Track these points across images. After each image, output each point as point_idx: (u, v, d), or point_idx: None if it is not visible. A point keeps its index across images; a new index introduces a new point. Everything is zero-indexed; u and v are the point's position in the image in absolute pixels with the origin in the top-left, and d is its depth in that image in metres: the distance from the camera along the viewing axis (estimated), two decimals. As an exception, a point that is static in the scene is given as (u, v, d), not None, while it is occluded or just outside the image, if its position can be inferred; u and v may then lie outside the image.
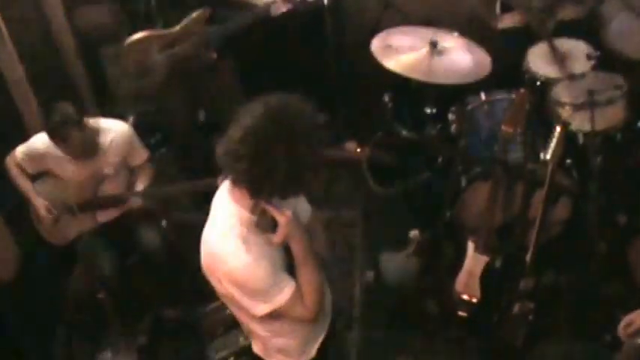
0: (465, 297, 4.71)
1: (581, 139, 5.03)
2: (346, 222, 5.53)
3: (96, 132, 4.81)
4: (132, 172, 5.14)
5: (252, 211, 3.21)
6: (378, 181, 5.44)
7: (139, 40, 5.46)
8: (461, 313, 4.76)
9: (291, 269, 3.34)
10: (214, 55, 5.55)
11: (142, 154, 5.11)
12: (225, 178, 3.27)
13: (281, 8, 5.42)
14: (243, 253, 3.14)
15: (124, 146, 4.97)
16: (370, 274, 5.26)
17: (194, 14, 5.46)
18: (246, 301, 3.25)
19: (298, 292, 3.28)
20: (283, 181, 3.03)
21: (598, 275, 5.01)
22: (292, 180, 3.05)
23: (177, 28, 5.48)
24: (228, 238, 3.18)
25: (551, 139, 4.25)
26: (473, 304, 4.71)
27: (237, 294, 3.23)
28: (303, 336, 3.61)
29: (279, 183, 3.04)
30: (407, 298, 5.11)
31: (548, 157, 4.23)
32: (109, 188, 5.04)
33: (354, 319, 5.08)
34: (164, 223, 5.33)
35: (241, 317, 3.51)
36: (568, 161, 5.08)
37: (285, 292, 3.24)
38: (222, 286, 3.26)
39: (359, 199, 5.58)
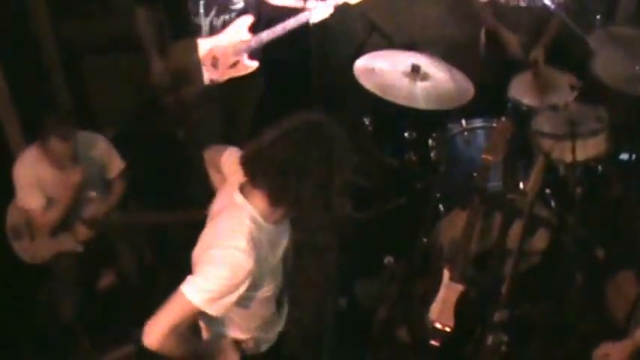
0: (439, 326, 4.65)
1: (561, 170, 5.01)
2: (320, 246, 5.46)
3: (75, 145, 4.76)
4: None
5: (267, 218, 3.17)
6: (355, 205, 5.41)
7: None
8: (433, 342, 4.70)
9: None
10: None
11: (118, 164, 5.08)
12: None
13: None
14: (243, 252, 3.06)
15: (101, 156, 4.99)
16: (343, 300, 5.20)
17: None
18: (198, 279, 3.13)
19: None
20: (307, 195, 3.02)
21: (574, 309, 4.97)
22: (315, 197, 3.04)
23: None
24: (236, 232, 3.10)
25: (531, 169, 4.22)
26: (446, 333, 4.65)
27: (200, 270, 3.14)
28: None
29: (302, 197, 3.03)
30: (380, 325, 5.04)
31: (527, 187, 4.21)
32: (90, 209, 5.02)
33: (325, 346, 5.03)
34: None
35: None
36: (547, 191, 5.05)
37: (217, 307, 3.13)
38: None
39: (334, 222, 5.53)
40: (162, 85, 5.22)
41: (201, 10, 5.05)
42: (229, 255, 3.05)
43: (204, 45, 5.18)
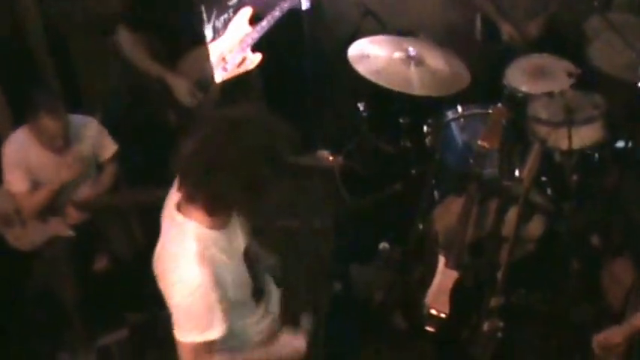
0: (434, 312, 4.64)
1: (557, 157, 5.00)
2: (316, 232, 5.44)
3: (69, 123, 4.72)
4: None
5: (211, 226, 3.10)
6: (350, 191, 5.39)
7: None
8: (429, 329, 4.69)
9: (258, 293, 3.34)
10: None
11: (111, 146, 5.06)
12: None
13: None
14: (196, 273, 3.00)
15: (94, 138, 4.94)
16: (338, 286, 5.18)
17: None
18: (181, 320, 3.11)
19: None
20: (241, 197, 2.96)
21: (570, 295, 4.97)
22: (251, 196, 2.97)
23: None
24: (183, 260, 3.04)
25: (527, 156, 4.20)
26: (441, 319, 4.65)
27: (175, 311, 3.10)
28: None
29: (235, 199, 2.97)
30: (375, 311, 5.03)
31: (523, 174, 4.19)
32: (82, 192, 4.99)
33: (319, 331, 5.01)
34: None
35: None
36: (543, 179, 5.04)
37: (217, 330, 3.12)
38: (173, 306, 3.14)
39: (330, 208, 5.51)
40: (192, 104, 5.19)
41: (204, 17, 5.02)
42: (186, 286, 3.01)
43: (213, 49, 5.15)
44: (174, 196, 3.15)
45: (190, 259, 3.01)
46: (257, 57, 5.32)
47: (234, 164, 2.89)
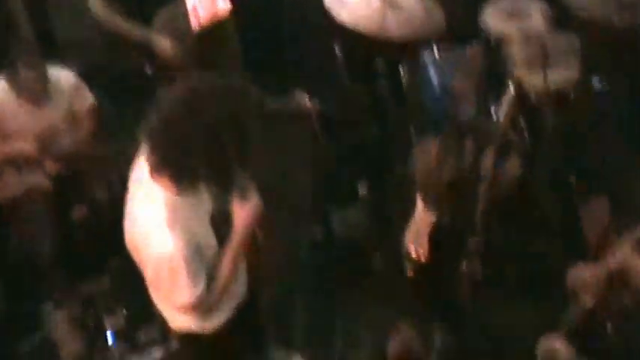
0: (413, 254, 4.68)
1: (533, 98, 5.00)
2: (295, 174, 5.46)
3: (46, 74, 4.68)
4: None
5: (179, 192, 3.07)
6: (328, 134, 5.39)
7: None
8: (408, 270, 4.73)
9: None
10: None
11: (88, 99, 5.00)
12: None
13: None
14: (170, 239, 3.00)
15: (71, 90, 4.89)
16: (318, 230, 5.21)
17: None
18: (165, 288, 3.15)
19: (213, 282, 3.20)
20: (206, 170, 2.95)
21: (548, 235, 5.01)
22: (215, 164, 2.96)
23: None
24: (153, 224, 3.04)
25: (503, 97, 4.22)
26: (420, 261, 4.68)
27: (156, 280, 3.15)
28: None
29: (201, 173, 2.96)
30: (354, 254, 5.06)
31: (499, 114, 4.20)
32: (60, 144, 4.93)
33: (300, 277, 5.05)
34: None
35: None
36: (520, 119, 5.05)
37: (201, 285, 3.13)
38: (143, 266, 3.16)
39: (307, 152, 5.52)
40: (176, 61, 5.15)
41: None
42: (159, 252, 3.02)
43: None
44: (142, 158, 3.13)
45: (161, 224, 3.01)
46: (227, 5, 5.27)
47: (197, 138, 2.89)
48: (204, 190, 3.20)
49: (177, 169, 2.95)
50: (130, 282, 3.39)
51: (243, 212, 3.17)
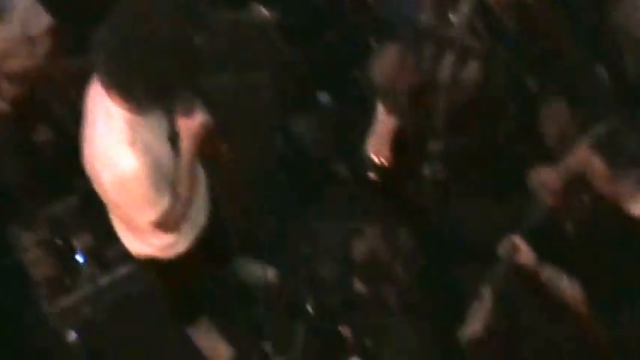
0: (376, 159, 4.71)
1: (492, 2, 4.98)
2: (254, 86, 5.43)
3: None
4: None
5: (135, 111, 3.05)
6: (287, 42, 5.37)
7: None
8: (371, 176, 4.76)
9: None
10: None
11: (44, 20, 4.88)
12: None
13: None
14: (131, 156, 2.99)
15: (25, 10, 4.77)
16: (279, 139, 5.21)
17: None
18: (131, 207, 3.17)
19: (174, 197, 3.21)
20: (152, 82, 2.92)
21: (508, 136, 5.05)
22: (161, 81, 2.94)
23: None
24: (113, 140, 3.02)
25: (462, 1, 4.19)
26: (383, 166, 4.72)
27: (121, 199, 3.14)
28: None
29: (147, 86, 2.93)
30: (317, 161, 5.08)
31: (458, 19, 4.19)
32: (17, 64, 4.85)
33: (262, 182, 5.07)
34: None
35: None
36: (479, 23, 5.03)
37: (166, 198, 3.16)
38: (103, 189, 3.16)
39: (267, 61, 5.49)
40: None
41: None
42: (120, 169, 3.01)
43: None
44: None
45: (121, 142, 3.01)
46: None
47: (142, 55, 2.86)
48: (160, 107, 3.18)
49: (125, 87, 2.93)
50: (98, 201, 3.39)
51: (187, 128, 3.17)
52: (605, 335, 4.10)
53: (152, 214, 3.14)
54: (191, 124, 3.15)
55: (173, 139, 3.23)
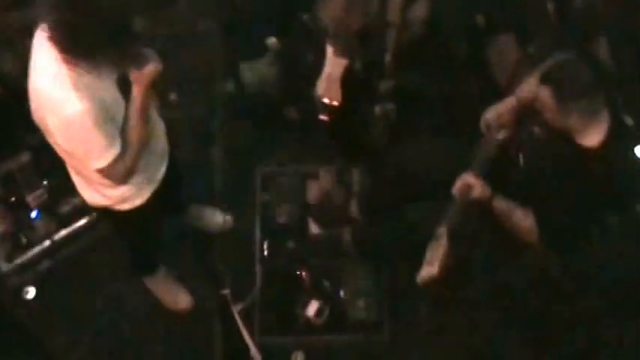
0: (326, 101, 4.69)
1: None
2: (202, 33, 5.38)
3: None
4: None
5: (80, 56, 2.95)
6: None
7: None
8: (323, 117, 4.75)
9: None
10: None
11: None
12: None
13: None
14: (76, 100, 2.94)
15: None
16: (230, 85, 5.18)
17: None
18: (80, 154, 3.11)
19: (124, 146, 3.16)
20: (94, 27, 2.84)
21: (458, 74, 5.07)
22: (106, 24, 2.86)
23: None
24: (57, 86, 2.96)
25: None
26: (334, 107, 4.70)
27: (69, 146, 3.09)
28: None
29: (91, 34, 2.85)
30: (268, 106, 5.06)
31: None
32: None
33: (215, 133, 5.05)
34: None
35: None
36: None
37: (117, 145, 3.11)
38: (54, 139, 3.10)
39: (214, 8, 5.44)
40: None
41: None
42: (67, 113, 2.95)
43: None
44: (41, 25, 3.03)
45: (65, 87, 2.96)
46: None
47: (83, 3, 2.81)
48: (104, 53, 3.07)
49: (69, 33, 2.87)
50: (51, 156, 3.35)
51: (138, 76, 3.13)
52: (557, 264, 4.18)
53: (100, 161, 3.10)
54: (143, 72, 3.11)
55: (125, 87, 3.19)
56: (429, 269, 3.96)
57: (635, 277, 4.49)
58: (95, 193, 3.53)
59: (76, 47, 2.90)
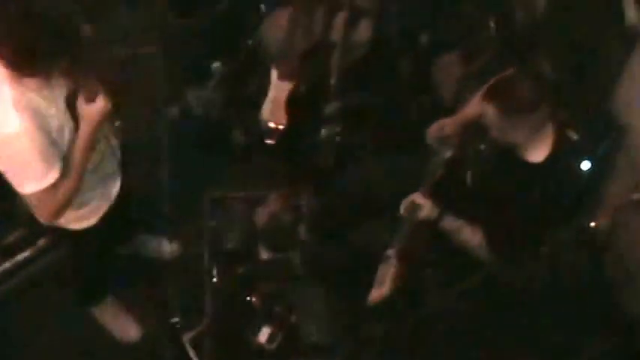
0: (272, 124, 4.69)
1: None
2: (146, 58, 5.35)
3: None
4: None
5: (26, 73, 2.92)
6: (177, 12, 5.30)
7: None
8: (268, 141, 4.75)
9: None
10: None
11: None
12: None
13: None
14: (15, 120, 2.87)
15: None
16: (175, 110, 5.15)
17: None
18: (10, 175, 3.03)
19: (61, 180, 3.09)
20: (32, 44, 2.80)
21: (403, 94, 5.08)
22: (51, 47, 2.83)
23: None
24: (4, 112, 2.89)
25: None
26: (280, 130, 4.70)
27: (2, 165, 3.01)
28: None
29: (28, 46, 2.80)
30: (214, 131, 5.04)
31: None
32: None
33: (160, 157, 5.01)
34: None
35: None
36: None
37: (53, 174, 3.04)
38: None
39: (158, 33, 5.41)
40: None
41: None
42: (7, 134, 2.89)
43: None
44: None
45: (6, 104, 2.89)
46: None
47: (22, 19, 2.76)
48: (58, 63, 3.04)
49: (15, 46, 2.83)
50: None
51: (88, 112, 3.09)
52: (507, 278, 4.18)
53: (31, 186, 3.03)
54: (92, 109, 3.07)
55: (74, 113, 3.14)
56: (380, 289, 3.95)
57: (585, 290, 4.51)
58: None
59: (26, 59, 2.85)
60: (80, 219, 3.52)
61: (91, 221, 3.56)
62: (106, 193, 3.59)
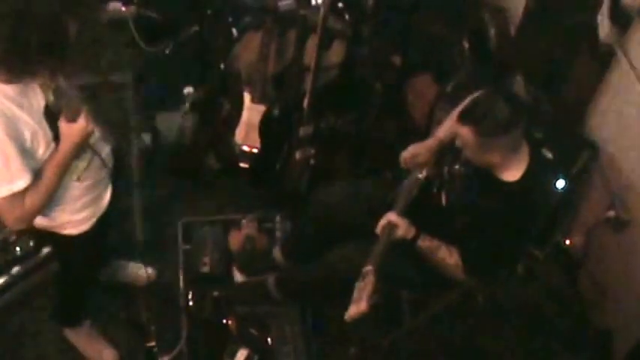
0: (246, 148, 4.70)
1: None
2: (117, 86, 5.35)
3: None
4: None
5: (6, 80, 2.94)
6: (147, 39, 5.30)
7: None
8: (242, 165, 4.75)
9: None
10: None
11: None
12: None
13: None
14: None
15: None
16: (147, 136, 5.13)
17: None
18: None
19: (31, 189, 3.08)
20: (14, 51, 2.81)
21: (375, 116, 5.10)
22: (26, 51, 2.82)
23: None
24: None
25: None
26: (253, 154, 4.71)
27: None
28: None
29: (7, 52, 2.82)
30: (187, 156, 5.03)
31: (319, 2, 4.19)
32: None
33: (134, 183, 4.99)
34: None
35: None
36: (340, 4, 5.06)
37: (21, 181, 3.02)
38: None
39: (129, 60, 5.41)
40: None
41: None
42: None
43: None
44: None
45: None
46: None
47: (10, 25, 2.76)
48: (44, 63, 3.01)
49: (5, 45, 2.82)
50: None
51: (68, 131, 3.09)
52: (482, 297, 4.20)
53: (4, 189, 3.00)
54: (73, 128, 3.06)
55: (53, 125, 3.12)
56: (358, 306, 3.94)
57: (561, 306, 4.54)
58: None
59: (12, 59, 2.85)
60: (71, 223, 3.51)
61: (81, 227, 3.54)
62: (99, 198, 3.57)
